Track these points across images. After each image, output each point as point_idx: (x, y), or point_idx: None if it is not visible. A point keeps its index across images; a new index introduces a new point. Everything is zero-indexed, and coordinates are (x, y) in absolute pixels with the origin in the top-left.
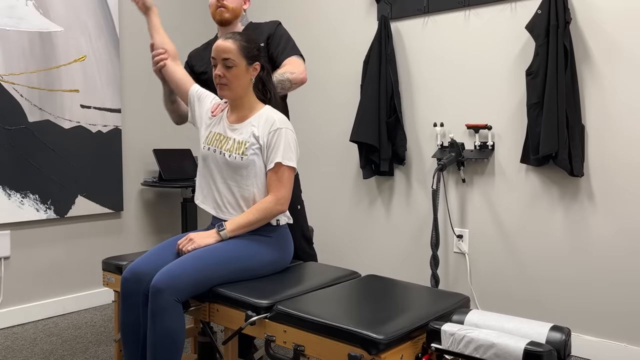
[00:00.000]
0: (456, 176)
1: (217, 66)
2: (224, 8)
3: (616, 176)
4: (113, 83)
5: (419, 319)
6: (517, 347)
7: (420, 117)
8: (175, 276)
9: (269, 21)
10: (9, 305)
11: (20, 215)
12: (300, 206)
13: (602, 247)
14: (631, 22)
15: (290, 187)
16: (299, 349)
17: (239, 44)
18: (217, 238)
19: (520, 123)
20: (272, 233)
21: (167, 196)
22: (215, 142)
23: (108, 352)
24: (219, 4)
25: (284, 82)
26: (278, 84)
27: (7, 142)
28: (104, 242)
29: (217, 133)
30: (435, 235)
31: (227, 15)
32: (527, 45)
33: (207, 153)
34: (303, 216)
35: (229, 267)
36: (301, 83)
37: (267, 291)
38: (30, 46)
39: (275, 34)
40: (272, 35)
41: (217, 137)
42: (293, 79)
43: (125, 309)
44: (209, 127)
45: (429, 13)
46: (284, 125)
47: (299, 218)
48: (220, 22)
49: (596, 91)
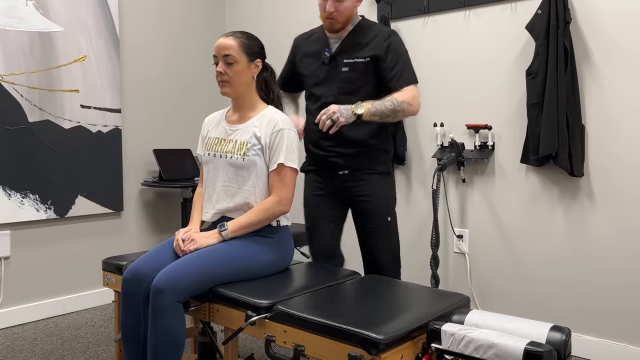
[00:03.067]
0: (456, 176)
1: (219, 63)
2: (333, 20)
3: (616, 176)
4: (113, 83)
5: (419, 319)
6: (517, 347)
7: (420, 117)
8: (176, 276)
9: (380, 26)
10: (9, 305)
11: (20, 215)
12: (390, 218)
13: (602, 247)
14: (631, 22)
15: (293, 188)
16: (299, 349)
17: (239, 40)
18: (219, 238)
19: (520, 123)
20: (273, 234)
21: (167, 196)
22: (214, 147)
23: (108, 352)
24: (329, 15)
25: (397, 112)
26: (390, 112)
27: (7, 142)
28: (104, 242)
29: (216, 137)
30: (435, 235)
31: (337, 26)
32: (527, 45)
33: (207, 159)
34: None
35: (230, 267)
36: (410, 115)
37: (267, 291)
38: (30, 46)
39: (390, 50)
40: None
41: (216, 141)
42: (407, 111)
43: (126, 309)
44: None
45: (429, 13)
46: (286, 126)
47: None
48: (330, 31)
49: (596, 91)
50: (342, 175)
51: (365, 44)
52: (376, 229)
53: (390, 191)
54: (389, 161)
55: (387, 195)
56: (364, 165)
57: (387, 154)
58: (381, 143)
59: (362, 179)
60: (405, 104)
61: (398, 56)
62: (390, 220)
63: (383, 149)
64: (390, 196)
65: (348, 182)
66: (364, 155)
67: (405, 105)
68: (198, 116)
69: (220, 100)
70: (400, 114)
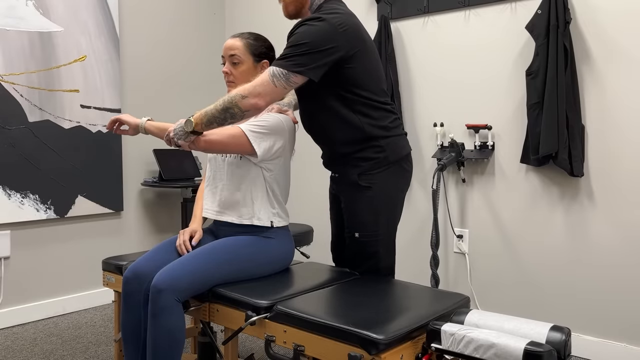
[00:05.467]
0: (456, 176)
1: (225, 64)
2: (283, 3)
3: (616, 176)
4: (113, 83)
5: (419, 319)
6: (517, 347)
7: (420, 117)
8: (176, 276)
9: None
10: (9, 305)
11: (20, 215)
12: (359, 234)
13: (602, 247)
14: (631, 23)
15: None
16: (299, 349)
17: (245, 41)
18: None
19: (520, 123)
20: (273, 234)
21: (167, 196)
22: None
23: (108, 352)
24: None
25: (228, 111)
26: (221, 113)
27: (7, 142)
28: (104, 242)
29: None
30: (435, 235)
31: (290, 9)
32: (527, 45)
33: (210, 157)
34: (367, 245)
35: (230, 267)
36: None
37: (267, 291)
38: (30, 46)
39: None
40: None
41: None
42: (242, 106)
43: (127, 309)
44: None
45: (429, 13)
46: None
47: (357, 245)
48: (288, 17)
49: (596, 91)
50: (333, 177)
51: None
52: (346, 238)
53: (366, 206)
54: (373, 170)
55: (360, 210)
56: (341, 171)
57: (367, 161)
58: (362, 150)
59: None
60: (238, 98)
61: (291, 42)
62: (359, 237)
63: (362, 157)
64: (364, 212)
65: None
66: (339, 161)
67: (237, 100)
68: None
69: None
70: (236, 110)
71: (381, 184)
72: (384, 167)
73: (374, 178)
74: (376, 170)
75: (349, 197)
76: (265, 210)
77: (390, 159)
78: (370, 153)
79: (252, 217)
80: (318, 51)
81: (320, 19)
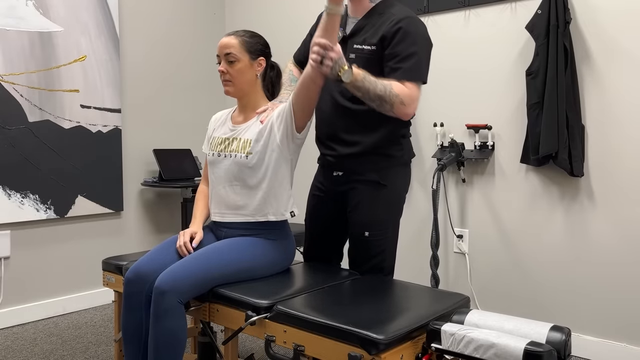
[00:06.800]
0: (456, 176)
1: (221, 63)
2: None
3: (616, 176)
4: (113, 83)
5: (419, 319)
6: (517, 347)
7: (420, 117)
8: (179, 278)
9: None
10: (9, 305)
11: (20, 215)
12: (369, 233)
13: (602, 247)
14: (631, 22)
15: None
16: (299, 349)
17: (241, 39)
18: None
19: (520, 123)
20: (274, 234)
21: (167, 196)
22: (218, 146)
23: (108, 352)
24: None
25: (384, 102)
26: (377, 97)
27: (7, 142)
28: (104, 242)
29: (220, 137)
30: (435, 235)
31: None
32: (527, 45)
33: (212, 159)
34: (374, 243)
35: (232, 268)
36: (401, 117)
37: (267, 291)
38: (30, 46)
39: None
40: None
41: (220, 141)
42: (396, 109)
43: (128, 310)
44: (212, 133)
45: (429, 13)
46: None
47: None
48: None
49: (596, 91)
50: (336, 177)
51: (377, 27)
52: (351, 238)
53: (382, 205)
54: (390, 168)
55: (376, 208)
56: (357, 169)
57: (388, 158)
58: (389, 147)
59: (352, 185)
60: (398, 100)
61: (407, 45)
62: (368, 236)
63: (386, 154)
64: (379, 210)
65: (341, 185)
66: (362, 157)
67: (397, 101)
68: (198, 116)
69: (220, 100)
70: (387, 107)
71: (396, 182)
72: (399, 166)
73: (390, 176)
74: (393, 168)
75: (364, 195)
76: (286, 203)
77: (405, 159)
78: (394, 151)
79: (267, 214)
80: (429, 57)
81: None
